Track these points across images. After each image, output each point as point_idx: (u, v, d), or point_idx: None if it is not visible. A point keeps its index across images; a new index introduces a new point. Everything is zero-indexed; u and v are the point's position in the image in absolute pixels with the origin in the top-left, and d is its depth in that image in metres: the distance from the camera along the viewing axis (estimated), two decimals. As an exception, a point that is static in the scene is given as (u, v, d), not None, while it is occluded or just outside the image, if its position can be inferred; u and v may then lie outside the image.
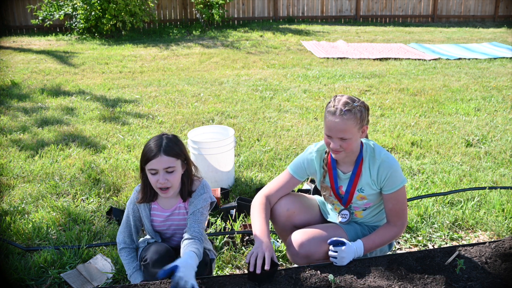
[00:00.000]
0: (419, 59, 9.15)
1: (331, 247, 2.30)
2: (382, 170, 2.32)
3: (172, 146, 2.28)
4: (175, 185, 2.33)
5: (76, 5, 11.51)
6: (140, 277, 2.41)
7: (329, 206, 2.66)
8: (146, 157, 2.27)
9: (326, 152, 2.47)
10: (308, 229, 2.46)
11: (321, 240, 2.37)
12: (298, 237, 2.40)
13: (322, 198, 2.75)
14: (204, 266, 2.34)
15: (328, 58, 9.29)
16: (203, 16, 12.73)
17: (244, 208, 3.41)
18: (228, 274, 2.74)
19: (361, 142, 2.40)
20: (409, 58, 9.22)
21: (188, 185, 2.39)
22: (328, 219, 2.66)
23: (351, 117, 2.22)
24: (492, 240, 2.99)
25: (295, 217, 2.54)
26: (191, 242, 2.26)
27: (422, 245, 3.10)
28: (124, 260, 2.50)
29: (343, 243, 2.29)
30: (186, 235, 2.31)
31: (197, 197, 2.39)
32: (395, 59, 9.21)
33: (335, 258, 2.27)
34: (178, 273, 1.98)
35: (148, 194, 2.40)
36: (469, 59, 9.21)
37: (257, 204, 2.49)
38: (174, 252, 2.44)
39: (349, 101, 2.25)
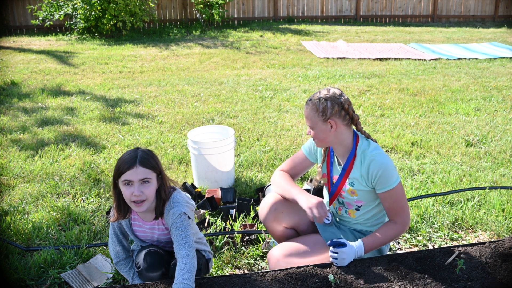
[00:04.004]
0: (419, 59, 9.14)
1: (331, 248, 2.30)
2: (372, 168, 2.32)
3: (148, 158, 2.22)
4: (150, 199, 2.25)
5: (76, 5, 11.51)
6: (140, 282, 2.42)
7: None
8: (120, 170, 2.19)
9: None
10: (288, 244, 2.47)
11: (299, 257, 2.38)
12: (276, 253, 2.43)
13: None
14: (198, 271, 2.31)
15: (328, 58, 9.29)
16: (203, 16, 12.73)
17: (244, 208, 3.41)
18: (228, 274, 2.74)
19: (358, 139, 2.42)
20: (409, 58, 9.22)
21: (160, 204, 2.31)
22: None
23: (312, 108, 2.36)
24: (492, 240, 2.99)
25: (283, 218, 2.54)
26: (177, 269, 2.15)
27: (422, 245, 3.10)
28: (124, 273, 2.52)
29: (343, 244, 2.29)
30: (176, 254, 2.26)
31: (166, 215, 2.32)
32: (395, 59, 9.21)
33: (336, 259, 2.27)
34: None
35: (123, 211, 2.34)
36: (469, 59, 9.21)
37: (279, 176, 2.59)
38: (166, 254, 2.44)
39: (318, 93, 2.38)
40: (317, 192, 3.42)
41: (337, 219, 2.63)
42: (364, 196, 2.43)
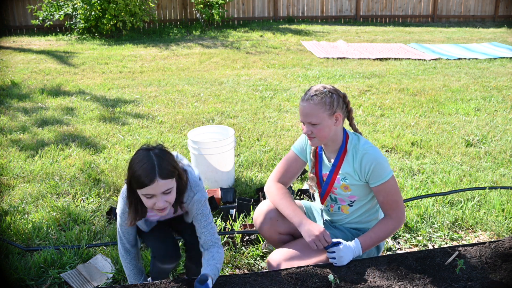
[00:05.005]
0: (419, 59, 9.14)
1: (328, 250, 2.29)
2: (365, 161, 2.32)
3: (165, 166, 2.04)
4: (172, 202, 2.16)
5: (76, 5, 11.51)
6: None
7: (315, 213, 2.66)
8: (139, 183, 2.01)
9: None
10: (287, 248, 2.45)
11: (299, 260, 2.36)
12: (276, 258, 2.41)
13: (309, 203, 2.75)
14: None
15: (328, 58, 9.29)
16: (203, 16, 12.73)
17: (244, 208, 3.42)
18: (228, 274, 2.74)
19: (347, 134, 2.41)
20: (409, 58, 9.22)
21: (180, 196, 2.23)
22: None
23: (318, 102, 2.27)
24: (492, 240, 2.99)
25: (279, 225, 2.50)
26: (208, 258, 2.21)
27: (422, 245, 3.10)
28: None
29: (339, 243, 2.29)
30: (200, 246, 2.27)
31: (188, 202, 2.26)
32: (395, 59, 9.21)
33: (334, 258, 2.27)
34: None
35: (140, 212, 2.22)
36: (469, 59, 9.21)
37: (275, 192, 2.51)
38: (174, 239, 2.48)
39: (319, 87, 2.32)
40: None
41: (329, 218, 2.62)
42: (357, 190, 2.42)
